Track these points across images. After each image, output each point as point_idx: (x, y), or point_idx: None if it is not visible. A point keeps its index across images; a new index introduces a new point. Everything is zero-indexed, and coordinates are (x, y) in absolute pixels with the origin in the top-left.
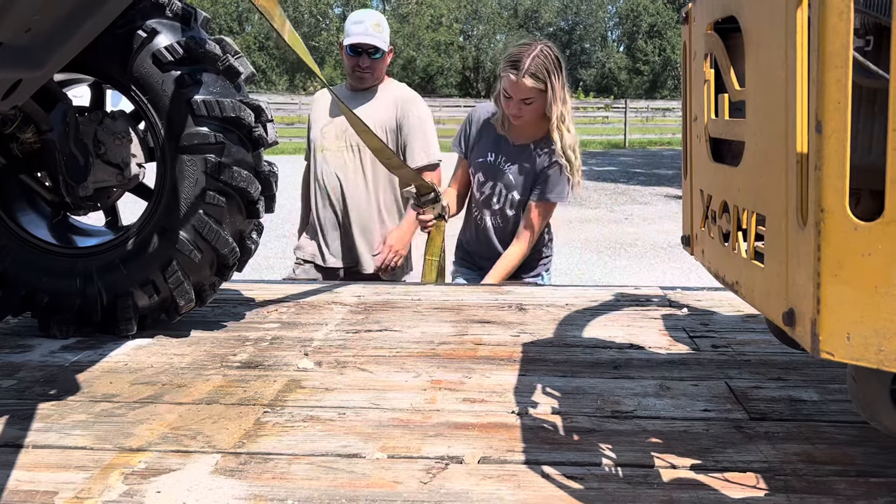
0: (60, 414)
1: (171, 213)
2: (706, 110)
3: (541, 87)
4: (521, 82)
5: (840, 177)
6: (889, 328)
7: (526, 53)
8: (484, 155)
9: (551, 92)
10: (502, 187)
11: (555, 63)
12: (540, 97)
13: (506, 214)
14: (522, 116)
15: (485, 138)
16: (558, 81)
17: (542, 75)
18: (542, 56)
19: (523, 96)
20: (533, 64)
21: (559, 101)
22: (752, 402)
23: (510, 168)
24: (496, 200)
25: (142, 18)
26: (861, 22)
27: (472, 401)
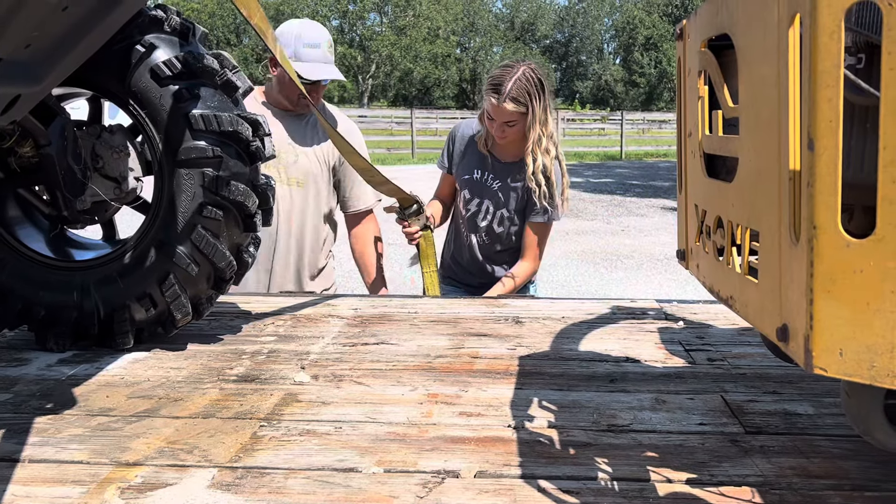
0: (57, 428)
1: (168, 227)
2: (700, 126)
3: (522, 110)
4: (503, 107)
5: (832, 194)
6: (881, 344)
7: (508, 76)
8: (470, 172)
9: (531, 115)
10: (490, 204)
11: (537, 86)
12: (522, 119)
13: (493, 231)
14: (506, 137)
15: (469, 155)
16: (539, 104)
17: (524, 98)
18: (524, 79)
19: (505, 119)
20: (514, 88)
21: (538, 124)
22: (747, 415)
23: (497, 185)
24: (482, 217)
25: (140, 34)
26: (853, 40)
27: (468, 414)
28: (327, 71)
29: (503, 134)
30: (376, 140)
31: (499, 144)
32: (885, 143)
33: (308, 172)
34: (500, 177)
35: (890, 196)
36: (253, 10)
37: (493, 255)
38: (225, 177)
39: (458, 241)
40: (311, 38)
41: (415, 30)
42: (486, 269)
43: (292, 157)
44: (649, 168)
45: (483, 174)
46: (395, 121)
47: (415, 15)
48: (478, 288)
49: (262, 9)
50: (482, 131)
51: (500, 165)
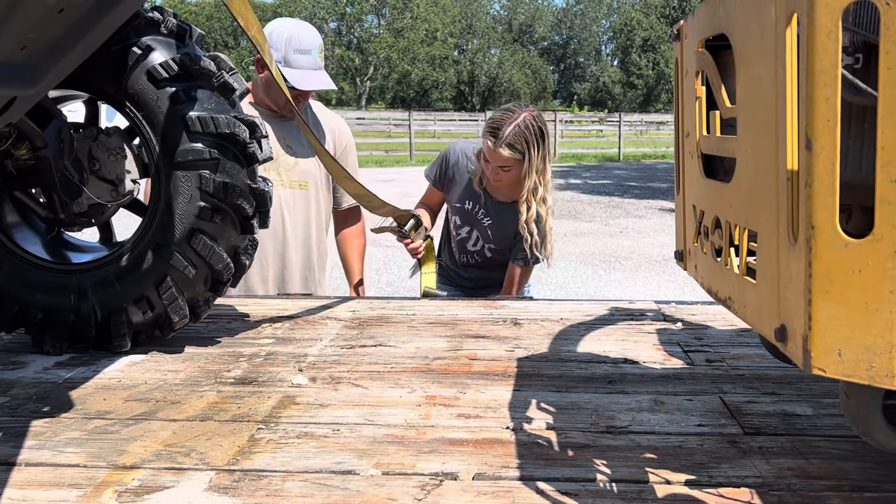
0: (54, 431)
1: (165, 229)
2: (698, 127)
3: (518, 157)
4: (498, 151)
5: (830, 194)
6: (879, 344)
7: (507, 121)
8: (462, 202)
9: (528, 163)
10: (479, 236)
11: (536, 134)
12: (518, 165)
13: (485, 255)
14: (501, 180)
15: (463, 185)
16: (537, 153)
17: (521, 146)
18: (524, 126)
19: (500, 164)
20: (512, 134)
21: (534, 173)
22: (746, 416)
23: (487, 222)
24: (472, 244)
25: (137, 35)
26: (850, 40)
27: (466, 416)
28: (317, 80)
29: (498, 177)
30: (374, 142)
31: (494, 186)
32: (883, 143)
33: (309, 174)
34: (491, 214)
35: (888, 196)
36: (250, 21)
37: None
38: (222, 179)
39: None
40: (302, 43)
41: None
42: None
43: (291, 160)
44: (647, 169)
45: (475, 207)
46: (394, 123)
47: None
48: (473, 289)
49: (259, 11)
50: (478, 169)
51: (492, 203)
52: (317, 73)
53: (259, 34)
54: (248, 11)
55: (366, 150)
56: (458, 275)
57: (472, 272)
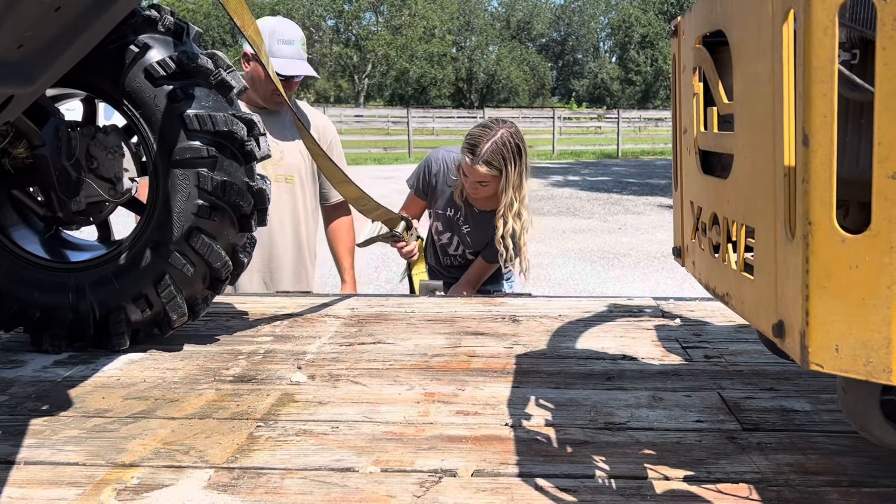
0: (53, 430)
1: (163, 228)
2: (695, 123)
3: (495, 173)
4: (476, 168)
5: (827, 190)
6: (877, 340)
7: (485, 139)
8: (444, 208)
9: (504, 180)
10: (459, 241)
11: (513, 151)
12: (495, 181)
13: (465, 257)
14: (479, 194)
15: (444, 192)
16: (514, 170)
17: (498, 163)
18: (501, 143)
19: (478, 179)
20: (489, 151)
21: (511, 189)
22: (744, 412)
23: (466, 228)
24: (454, 248)
25: (134, 34)
26: (847, 36)
27: (465, 413)
28: (300, 67)
29: (476, 191)
30: (373, 140)
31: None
32: (880, 138)
33: (295, 167)
34: (471, 223)
35: (885, 191)
36: (247, 21)
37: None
38: (220, 177)
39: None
40: (285, 34)
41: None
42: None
43: (277, 153)
44: (646, 166)
45: (456, 214)
46: (392, 120)
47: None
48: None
49: (257, 9)
50: (459, 182)
51: (472, 212)
52: (299, 62)
53: (255, 34)
54: (244, 10)
55: (364, 147)
56: (442, 273)
57: (453, 273)
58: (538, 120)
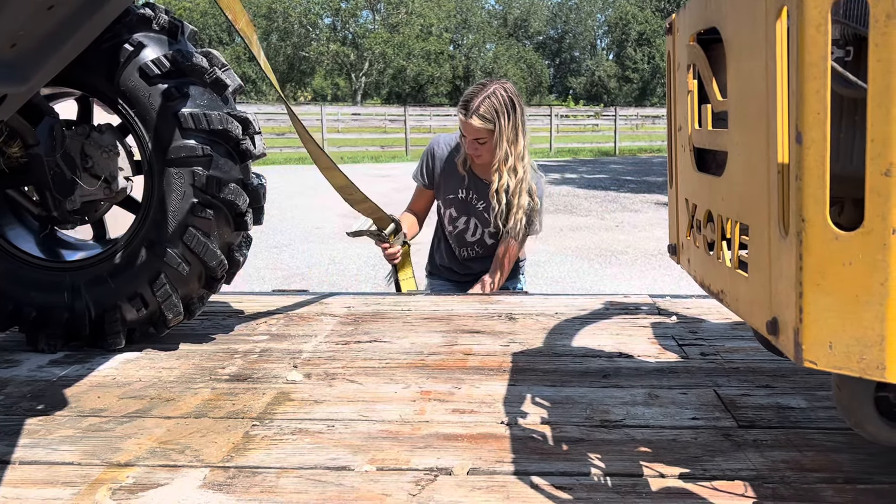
0: (48, 429)
1: (158, 227)
2: (690, 120)
3: (489, 127)
4: (470, 122)
5: (821, 187)
6: (870, 337)
7: (478, 94)
8: (454, 192)
9: (498, 133)
10: (476, 222)
11: (507, 104)
12: (491, 137)
13: (485, 244)
14: (480, 155)
15: (452, 174)
16: (508, 122)
17: (491, 116)
18: (494, 97)
19: (474, 136)
20: (482, 105)
21: (505, 142)
22: (740, 409)
23: (482, 204)
24: (472, 234)
25: (128, 32)
26: (841, 32)
27: (461, 412)
28: None
29: (475, 151)
30: (370, 138)
31: (478, 164)
32: (873, 135)
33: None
34: (484, 197)
35: (878, 188)
36: (238, 13)
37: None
38: (215, 176)
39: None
40: None
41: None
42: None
43: None
44: (643, 163)
45: (468, 194)
46: (389, 118)
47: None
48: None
49: (254, 7)
50: (463, 152)
51: (482, 185)
52: None
53: (247, 27)
54: (236, 3)
55: (361, 145)
56: (457, 272)
57: (473, 266)
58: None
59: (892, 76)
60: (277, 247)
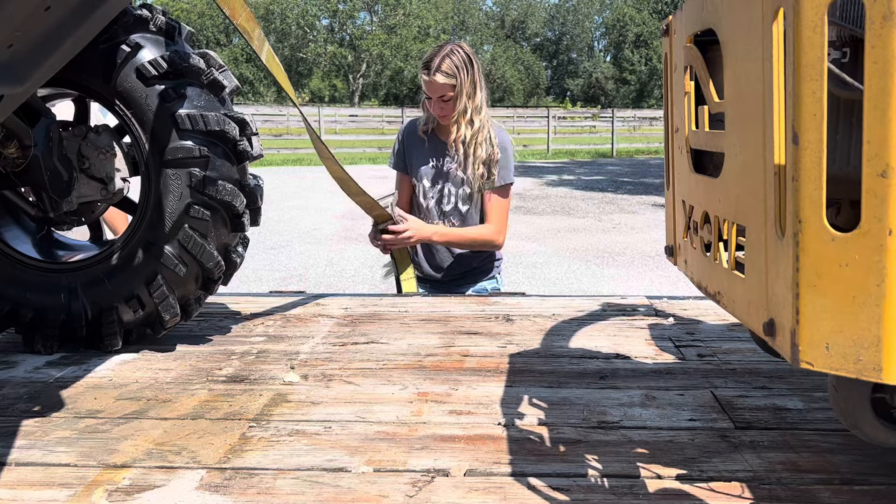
0: (44, 431)
1: (155, 228)
2: (687, 122)
3: (452, 82)
4: (433, 80)
5: (817, 188)
6: (867, 338)
7: (438, 54)
8: (425, 162)
9: (459, 86)
10: (451, 186)
11: (465, 61)
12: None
13: (459, 212)
14: (446, 115)
15: (420, 147)
16: (467, 77)
17: (452, 71)
18: (453, 55)
19: (439, 94)
20: (443, 63)
21: (465, 97)
22: (737, 411)
23: (453, 166)
24: (447, 201)
25: (125, 33)
26: (837, 34)
27: (458, 413)
28: None
29: (441, 111)
30: (367, 139)
31: (444, 127)
32: (869, 137)
33: None
34: (453, 155)
35: (874, 189)
36: (237, 9)
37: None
38: (212, 177)
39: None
40: None
41: (405, 28)
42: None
43: None
44: (640, 165)
45: (438, 160)
46: (387, 120)
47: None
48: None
49: (252, 8)
50: (423, 118)
51: (447, 146)
52: None
53: (247, 23)
54: (236, 1)
55: (359, 146)
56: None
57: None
58: (533, 119)
59: (888, 78)
60: (275, 248)
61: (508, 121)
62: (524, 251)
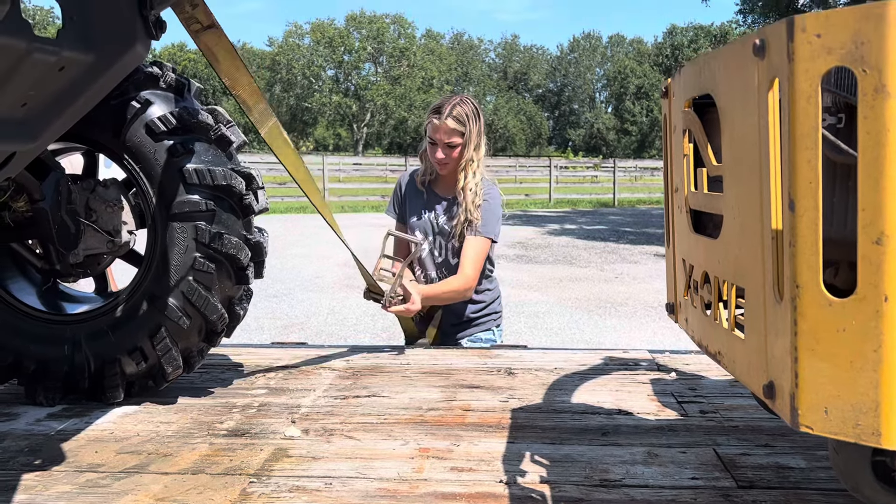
0: (45, 485)
1: (160, 280)
2: (686, 183)
3: (461, 129)
4: (444, 124)
5: (814, 253)
6: (865, 403)
7: (448, 101)
8: (418, 213)
9: (468, 135)
10: (441, 239)
11: (473, 111)
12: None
13: (450, 264)
14: (448, 162)
15: (415, 199)
16: (475, 127)
17: (463, 119)
18: (463, 104)
19: (447, 139)
20: (454, 109)
21: (472, 147)
22: (739, 469)
23: (443, 218)
24: (438, 254)
25: (136, 90)
26: (833, 100)
27: (459, 470)
28: None
29: (445, 157)
30: (371, 188)
31: (441, 177)
32: (864, 204)
33: None
34: (445, 210)
35: (870, 256)
36: (240, 81)
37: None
38: (218, 230)
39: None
40: None
41: (409, 79)
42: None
43: None
44: (642, 215)
45: (429, 212)
46: (390, 168)
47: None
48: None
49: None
50: (421, 168)
51: (443, 200)
52: None
53: (249, 96)
54: (238, 70)
55: (362, 195)
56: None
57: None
58: (535, 169)
59: (881, 148)
60: (277, 296)
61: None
62: (526, 300)
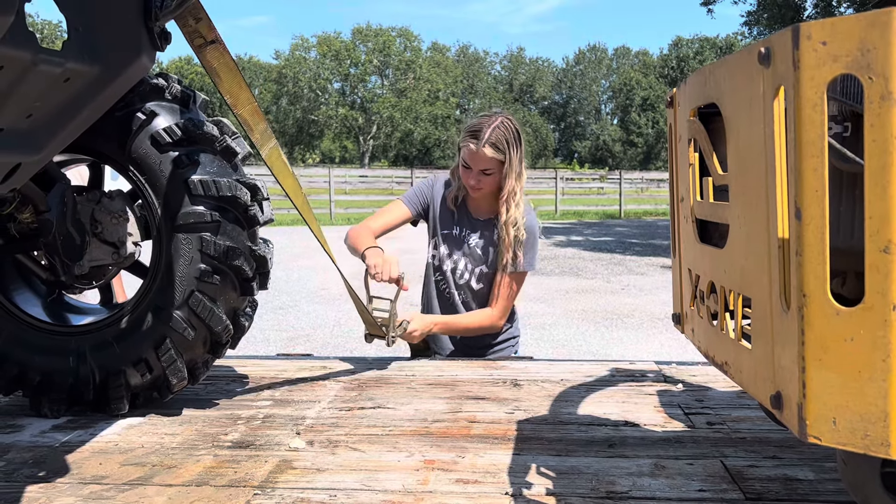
0: (48, 497)
1: (165, 291)
2: (692, 192)
3: (500, 157)
4: (481, 152)
5: (821, 262)
6: (874, 413)
7: (487, 124)
8: (449, 227)
9: (508, 164)
10: (468, 261)
11: (514, 135)
12: (499, 169)
13: (472, 288)
14: (482, 189)
15: (444, 211)
16: (516, 154)
17: (502, 146)
18: (503, 127)
19: (483, 167)
20: (493, 134)
21: (514, 176)
22: (747, 481)
23: (474, 241)
24: (461, 275)
25: (141, 101)
26: (839, 108)
27: (465, 482)
28: None
29: (479, 184)
30: (377, 200)
31: (473, 199)
32: (871, 212)
33: None
34: (477, 234)
35: (877, 265)
36: (242, 100)
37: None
38: (223, 241)
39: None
40: None
41: (415, 92)
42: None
43: None
44: (648, 226)
45: (461, 230)
46: (396, 181)
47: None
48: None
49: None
50: (453, 186)
51: (475, 222)
52: None
53: (251, 115)
54: (239, 88)
55: (368, 207)
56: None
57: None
58: (541, 181)
59: (887, 156)
60: (283, 308)
61: None
62: (533, 312)
